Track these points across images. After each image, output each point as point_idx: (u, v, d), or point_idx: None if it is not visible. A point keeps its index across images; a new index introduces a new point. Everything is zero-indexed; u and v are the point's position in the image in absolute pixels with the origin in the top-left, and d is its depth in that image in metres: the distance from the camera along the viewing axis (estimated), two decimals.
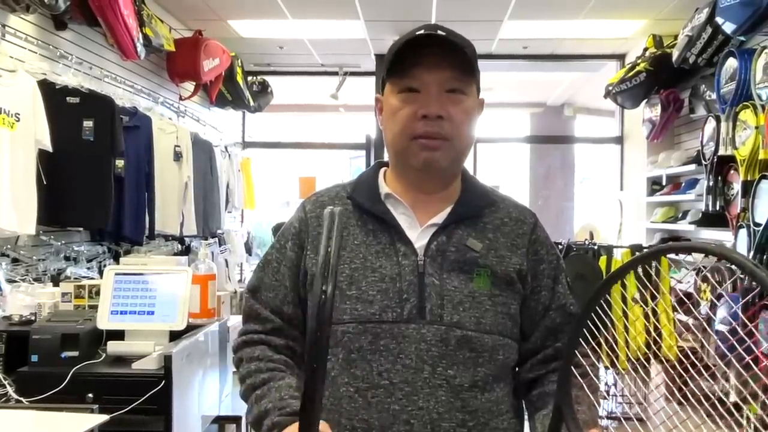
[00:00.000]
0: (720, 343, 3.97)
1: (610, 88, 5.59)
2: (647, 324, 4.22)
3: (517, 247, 1.23)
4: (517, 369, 1.25)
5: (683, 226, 5.00)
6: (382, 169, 1.32)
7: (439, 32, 1.18)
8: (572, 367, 0.94)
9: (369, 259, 1.19)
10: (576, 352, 0.93)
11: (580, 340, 0.92)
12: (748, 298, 3.67)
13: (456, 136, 1.19)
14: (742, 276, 3.77)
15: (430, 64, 1.17)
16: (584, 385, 0.91)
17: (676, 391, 0.87)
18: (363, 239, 1.21)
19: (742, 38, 3.90)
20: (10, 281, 2.87)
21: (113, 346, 2.14)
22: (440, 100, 1.17)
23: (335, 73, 6.86)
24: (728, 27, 3.84)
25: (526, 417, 1.26)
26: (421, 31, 1.18)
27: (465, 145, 1.23)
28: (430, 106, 1.17)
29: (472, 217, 1.23)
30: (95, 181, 3.41)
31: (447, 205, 1.24)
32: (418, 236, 1.21)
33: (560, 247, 4.49)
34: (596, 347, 0.90)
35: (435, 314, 1.15)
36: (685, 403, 0.83)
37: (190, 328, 2.27)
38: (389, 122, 1.22)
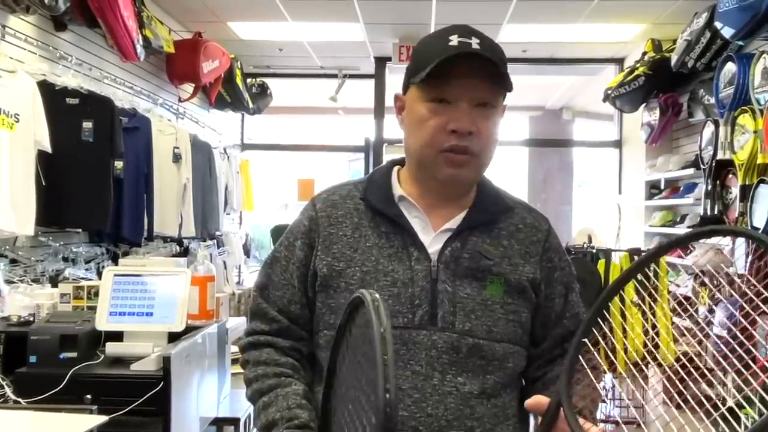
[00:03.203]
0: (718, 347, 3.98)
1: (609, 91, 5.60)
2: (646, 326, 4.23)
3: (530, 255, 1.21)
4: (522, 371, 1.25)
5: (681, 230, 5.01)
6: (395, 169, 1.29)
7: (473, 39, 1.14)
8: (579, 356, 0.91)
9: (381, 262, 1.17)
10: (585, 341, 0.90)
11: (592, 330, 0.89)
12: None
13: (483, 151, 1.18)
14: (739, 280, 3.78)
15: (463, 77, 1.13)
16: (590, 376, 0.87)
17: (675, 395, 0.86)
18: (375, 241, 1.19)
19: (740, 43, 3.91)
20: (9, 282, 2.86)
21: (112, 347, 2.13)
22: (471, 115, 1.14)
23: (334, 76, 6.86)
24: (727, 31, 3.85)
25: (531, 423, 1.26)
26: (454, 37, 1.14)
27: (491, 157, 1.21)
28: (462, 120, 1.13)
29: (487, 223, 1.21)
30: (94, 183, 3.40)
31: (461, 210, 1.22)
32: (432, 241, 1.19)
33: None
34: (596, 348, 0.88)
35: (447, 321, 1.14)
36: (683, 407, 0.82)
37: (189, 330, 2.26)
38: (415, 131, 1.19)
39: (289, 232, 1.29)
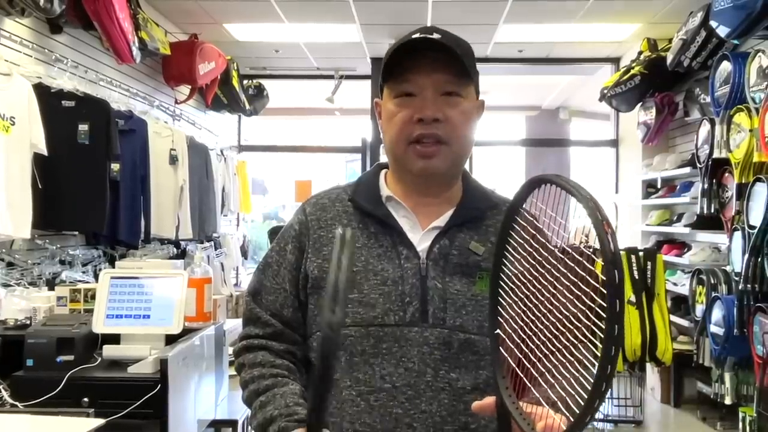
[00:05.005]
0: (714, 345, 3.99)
1: (605, 91, 5.61)
2: (643, 326, 4.23)
3: None
4: None
5: (678, 229, 5.02)
6: (383, 171, 1.31)
7: (434, 35, 1.17)
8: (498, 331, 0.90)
9: (371, 262, 1.18)
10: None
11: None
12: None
13: (453, 139, 1.19)
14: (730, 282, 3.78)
15: (425, 68, 1.17)
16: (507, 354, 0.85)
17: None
18: (365, 242, 1.21)
19: (736, 42, 3.92)
20: (6, 285, 2.86)
21: (109, 350, 2.12)
22: (436, 103, 1.17)
23: (331, 77, 6.87)
24: (722, 30, 3.86)
25: None
26: (417, 35, 1.18)
27: (463, 147, 1.22)
28: (426, 109, 1.16)
29: (474, 220, 1.23)
30: (90, 185, 3.40)
31: (448, 208, 1.23)
32: (420, 239, 1.21)
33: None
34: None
35: (438, 317, 1.15)
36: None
37: (186, 332, 2.25)
38: (387, 127, 1.22)
39: (280, 237, 1.30)
